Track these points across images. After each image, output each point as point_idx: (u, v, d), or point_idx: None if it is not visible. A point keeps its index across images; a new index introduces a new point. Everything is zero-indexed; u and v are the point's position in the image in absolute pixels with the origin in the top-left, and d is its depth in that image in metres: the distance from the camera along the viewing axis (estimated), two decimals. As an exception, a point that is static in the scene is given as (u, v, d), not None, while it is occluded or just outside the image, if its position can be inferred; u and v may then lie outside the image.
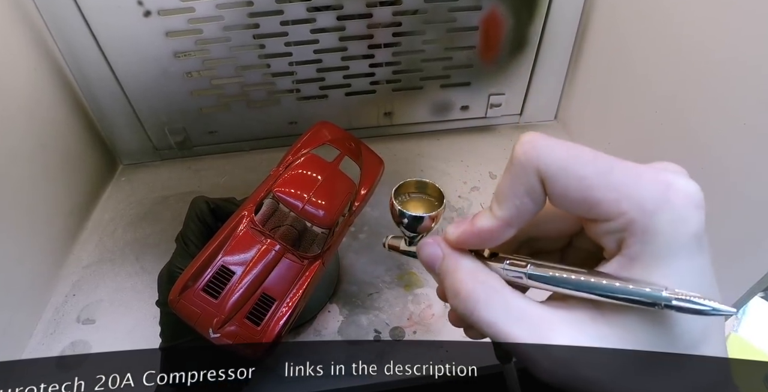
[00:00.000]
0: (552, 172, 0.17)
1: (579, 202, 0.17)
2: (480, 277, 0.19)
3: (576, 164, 0.17)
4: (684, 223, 0.16)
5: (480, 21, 0.58)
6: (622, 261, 0.17)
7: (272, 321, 0.34)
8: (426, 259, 0.21)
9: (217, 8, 0.53)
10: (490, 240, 0.19)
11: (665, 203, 0.16)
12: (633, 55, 0.52)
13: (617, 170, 0.16)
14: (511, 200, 0.18)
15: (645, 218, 0.16)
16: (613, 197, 0.16)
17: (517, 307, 0.18)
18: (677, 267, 0.16)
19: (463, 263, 0.20)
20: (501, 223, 0.18)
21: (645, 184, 0.16)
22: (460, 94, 0.65)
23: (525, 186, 0.17)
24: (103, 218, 0.59)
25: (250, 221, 0.36)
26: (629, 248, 0.17)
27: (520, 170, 0.17)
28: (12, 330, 0.44)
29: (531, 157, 0.17)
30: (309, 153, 0.40)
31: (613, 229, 0.17)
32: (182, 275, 0.33)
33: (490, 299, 0.18)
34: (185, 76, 0.58)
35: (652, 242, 0.16)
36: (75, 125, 0.59)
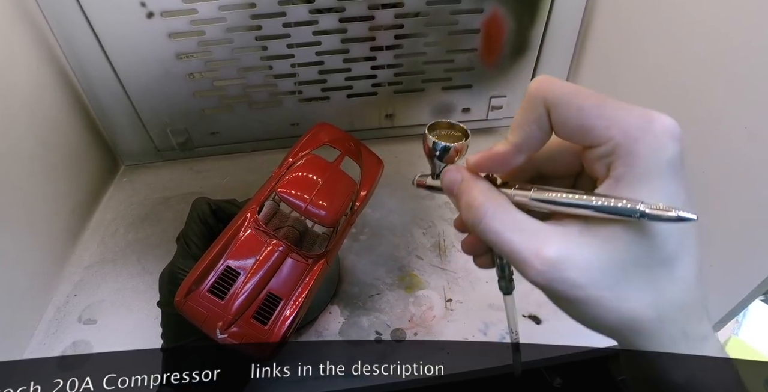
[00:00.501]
0: (556, 102, 0.19)
1: (576, 129, 0.19)
2: (491, 195, 0.21)
3: (576, 97, 0.19)
4: (662, 150, 0.18)
5: (481, 24, 0.58)
6: (609, 183, 0.19)
7: (279, 320, 0.34)
8: (447, 183, 0.23)
9: (220, 10, 0.53)
10: (503, 163, 0.21)
11: (647, 131, 0.18)
12: (634, 59, 0.52)
13: (610, 104, 0.19)
14: (522, 127, 0.20)
15: (629, 142, 0.18)
16: (604, 125, 0.19)
17: (518, 220, 0.20)
18: (654, 187, 0.18)
19: (478, 184, 0.22)
20: (512, 147, 0.21)
21: (631, 115, 0.19)
22: (462, 97, 0.66)
23: (534, 115, 0.20)
24: (104, 219, 0.59)
25: (253, 221, 0.36)
26: (615, 170, 0.19)
27: (530, 102, 0.20)
28: (13, 330, 0.44)
29: (541, 90, 0.20)
30: (310, 154, 0.40)
31: (603, 153, 0.19)
32: (188, 277, 0.33)
33: (497, 211, 0.20)
34: (187, 78, 0.58)
35: (634, 165, 0.18)
36: (77, 125, 0.59)
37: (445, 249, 0.51)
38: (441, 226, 0.54)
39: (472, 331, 0.44)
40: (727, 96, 0.40)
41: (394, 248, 0.52)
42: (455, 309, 0.45)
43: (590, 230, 0.19)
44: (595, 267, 0.19)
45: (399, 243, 0.52)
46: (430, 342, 0.43)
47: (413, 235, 0.53)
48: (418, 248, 0.52)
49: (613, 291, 0.19)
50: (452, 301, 0.46)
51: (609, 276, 0.19)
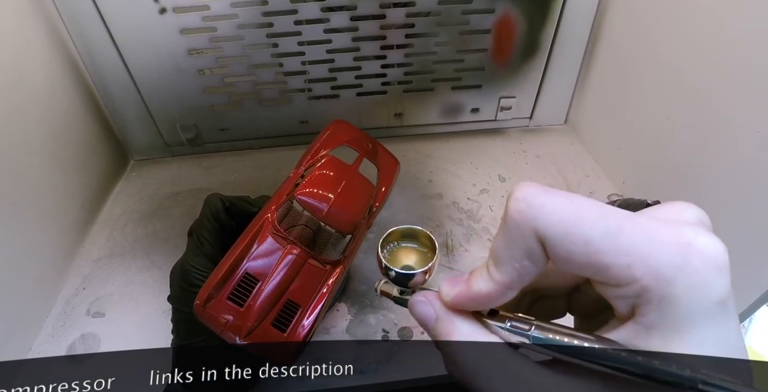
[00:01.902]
0: (552, 235, 0.15)
1: (585, 267, 0.15)
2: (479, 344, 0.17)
3: (580, 227, 0.15)
4: (706, 290, 0.14)
5: (493, 24, 0.58)
6: (637, 329, 0.15)
7: (298, 326, 0.34)
8: (419, 318, 0.19)
9: (232, 7, 0.53)
10: (487, 304, 0.18)
11: (684, 268, 0.14)
12: (646, 60, 0.52)
13: (627, 231, 0.15)
14: (509, 262, 0.16)
15: (662, 285, 0.14)
16: (625, 263, 0.14)
17: (521, 379, 0.16)
18: (700, 338, 0.14)
19: (458, 327, 0.18)
20: (500, 287, 0.17)
21: (660, 246, 0.14)
22: (471, 97, 0.66)
23: (523, 249, 0.16)
24: (113, 213, 0.59)
25: (272, 227, 0.36)
26: (645, 316, 0.15)
27: (516, 232, 0.16)
28: (23, 322, 0.45)
29: (527, 217, 0.15)
30: (328, 155, 0.40)
31: (625, 294, 0.15)
32: (207, 283, 0.33)
33: (492, 370, 0.17)
34: (198, 74, 0.59)
35: (671, 312, 0.14)
36: (88, 120, 0.60)
37: (452, 249, 0.51)
38: (449, 226, 0.54)
39: (479, 331, 0.44)
40: (740, 99, 0.40)
41: (401, 247, 0.52)
42: (462, 309, 0.45)
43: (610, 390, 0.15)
44: None
45: (406, 242, 0.52)
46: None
47: (420, 234, 0.53)
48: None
49: None
50: (459, 301, 0.46)
51: None
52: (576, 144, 0.67)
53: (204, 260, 0.36)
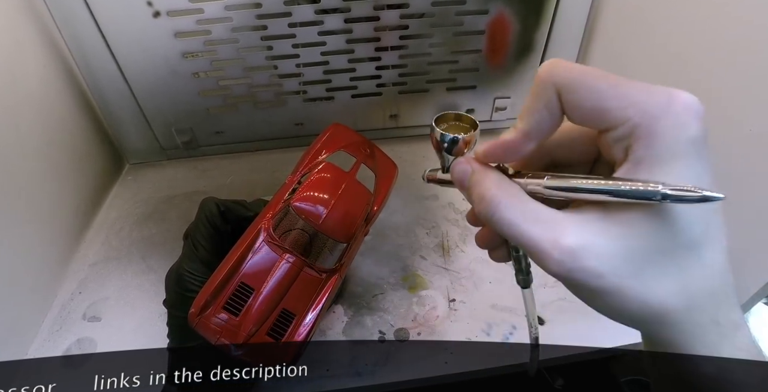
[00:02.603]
0: (567, 84, 0.18)
1: (591, 111, 0.18)
2: (503, 185, 0.20)
3: (589, 78, 0.18)
4: (684, 129, 0.17)
5: (486, 25, 0.58)
6: (628, 166, 0.18)
7: (293, 335, 0.34)
8: (457, 176, 0.22)
9: (226, 10, 0.53)
10: (513, 151, 0.21)
11: (667, 110, 0.17)
12: (639, 59, 0.52)
13: (625, 83, 0.18)
14: (531, 114, 0.19)
15: (648, 122, 0.17)
16: (621, 105, 0.18)
17: (533, 210, 0.19)
18: (676, 169, 0.17)
19: (489, 174, 0.21)
20: (521, 135, 0.20)
21: (650, 93, 0.18)
22: (466, 98, 0.66)
23: (544, 100, 0.19)
24: (109, 217, 0.59)
25: (268, 235, 0.36)
26: (634, 152, 0.18)
27: (540, 86, 0.19)
28: (19, 327, 0.45)
29: (551, 73, 0.19)
30: (325, 162, 0.40)
31: (620, 135, 0.18)
32: (202, 292, 0.33)
33: (511, 202, 0.20)
34: (193, 77, 0.59)
35: (654, 146, 0.17)
36: (83, 124, 0.60)
37: (448, 250, 0.52)
38: (445, 226, 0.55)
39: (476, 331, 0.44)
40: (734, 98, 0.40)
41: (398, 248, 0.52)
42: (458, 309, 0.46)
43: (610, 217, 0.18)
44: (617, 255, 0.18)
45: (403, 243, 0.52)
46: (433, 341, 0.43)
47: (417, 235, 0.53)
48: (422, 249, 0.52)
49: (636, 280, 0.18)
50: (455, 301, 0.46)
51: (631, 264, 0.18)
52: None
53: (199, 265, 0.36)
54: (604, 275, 0.18)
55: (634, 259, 0.18)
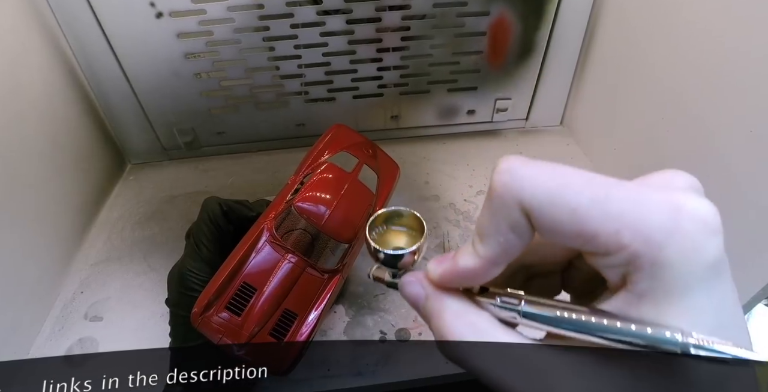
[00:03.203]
0: (537, 205, 0.15)
1: (573, 236, 0.15)
2: (468, 319, 0.17)
3: (565, 194, 0.14)
4: (698, 253, 0.14)
5: (488, 26, 0.58)
6: (628, 298, 0.15)
7: (295, 336, 0.34)
8: (409, 298, 0.19)
9: (228, 11, 0.53)
10: (474, 279, 0.17)
11: (675, 232, 0.14)
12: (640, 61, 0.52)
13: (615, 196, 0.14)
14: (493, 236, 0.16)
15: (652, 251, 0.14)
16: (613, 229, 0.14)
17: (513, 353, 0.16)
18: (693, 304, 0.14)
19: (448, 305, 0.18)
20: (485, 262, 0.16)
21: (649, 211, 0.14)
22: (467, 99, 0.66)
23: (507, 221, 0.15)
24: (111, 217, 0.59)
25: (270, 235, 0.36)
26: (636, 284, 0.15)
27: (500, 204, 0.15)
28: (20, 326, 0.45)
29: (511, 189, 0.15)
30: (327, 163, 0.40)
31: (615, 263, 0.15)
32: (205, 292, 0.33)
33: (484, 347, 0.16)
34: (195, 77, 0.59)
35: (663, 278, 0.14)
36: (85, 124, 0.60)
37: (449, 250, 0.52)
38: (445, 227, 0.55)
39: (476, 332, 0.44)
40: (734, 98, 0.40)
41: (398, 249, 0.52)
42: (459, 310, 0.46)
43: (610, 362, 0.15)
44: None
45: (403, 244, 0.52)
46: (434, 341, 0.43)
47: (418, 236, 0.53)
48: (430, 252, 0.52)
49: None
50: (456, 302, 0.46)
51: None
52: (572, 145, 0.68)
53: (202, 265, 0.36)
54: None
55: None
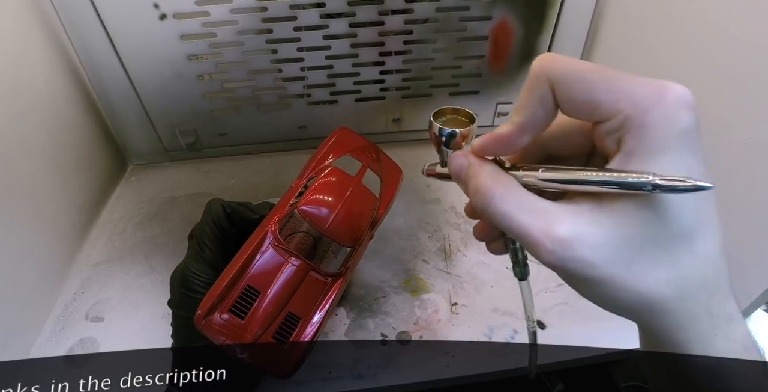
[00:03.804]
0: (561, 78, 0.19)
1: (583, 104, 0.19)
2: (499, 177, 0.21)
3: (581, 71, 0.18)
4: (675, 120, 0.17)
5: (490, 31, 0.58)
6: (620, 158, 0.18)
7: (298, 339, 0.34)
8: (454, 169, 0.23)
9: (232, 13, 0.53)
10: (508, 145, 0.21)
11: (658, 101, 0.17)
12: (641, 66, 0.53)
13: (618, 76, 0.18)
14: (526, 107, 0.20)
15: (639, 114, 0.18)
16: (613, 98, 0.18)
17: (528, 201, 0.20)
18: (668, 159, 0.18)
19: (485, 167, 0.21)
20: (517, 128, 0.20)
21: (641, 86, 0.18)
22: (469, 103, 0.66)
23: (538, 94, 0.19)
24: (112, 217, 0.59)
25: (274, 238, 0.36)
26: (626, 144, 0.18)
27: (534, 80, 0.19)
28: (21, 327, 0.45)
29: (544, 67, 0.19)
30: (331, 166, 0.40)
31: (613, 128, 0.18)
32: (209, 295, 0.33)
33: (506, 193, 0.20)
34: (198, 79, 0.59)
35: (646, 137, 0.18)
36: (87, 125, 0.60)
37: (450, 253, 0.52)
38: (447, 230, 0.55)
39: (477, 335, 0.44)
40: (734, 104, 0.40)
41: (400, 252, 0.52)
42: (460, 313, 0.46)
43: (602, 208, 0.18)
44: (609, 245, 0.18)
45: (405, 247, 0.53)
46: (435, 344, 0.43)
47: (419, 239, 0.54)
48: (424, 252, 0.52)
49: (629, 269, 0.18)
50: (457, 305, 0.46)
51: (624, 254, 0.18)
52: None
53: (204, 266, 0.36)
54: (596, 265, 0.18)
55: (625, 249, 0.18)
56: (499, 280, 0.48)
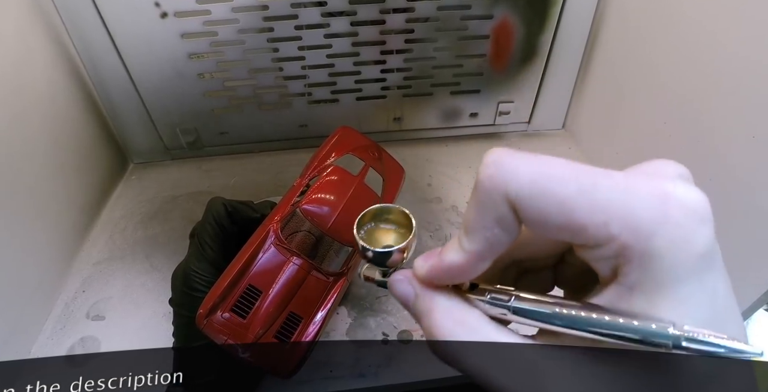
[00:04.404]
0: (523, 197, 0.14)
1: (561, 228, 0.14)
2: (458, 317, 0.17)
3: (551, 185, 0.14)
4: (688, 243, 0.13)
5: (491, 29, 0.58)
6: (619, 291, 0.15)
7: (300, 339, 0.34)
8: (398, 296, 0.19)
9: (233, 11, 0.53)
10: (461, 276, 0.17)
11: (663, 221, 0.13)
12: (643, 66, 0.53)
13: (602, 186, 0.14)
14: (479, 231, 0.15)
15: (641, 242, 0.13)
16: (601, 220, 0.14)
17: (504, 351, 0.16)
18: (685, 295, 0.14)
19: (437, 303, 0.17)
20: (471, 257, 0.16)
21: (637, 200, 0.14)
22: (470, 102, 0.66)
23: (494, 215, 0.15)
24: (113, 216, 0.59)
25: (276, 238, 0.36)
26: (626, 276, 0.14)
27: (485, 198, 0.15)
28: (22, 325, 0.45)
29: (497, 181, 0.15)
30: (333, 165, 0.40)
31: (604, 255, 0.14)
32: (210, 294, 0.33)
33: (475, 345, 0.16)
34: (198, 78, 0.59)
35: (653, 269, 0.14)
36: (88, 123, 0.60)
37: (451, 253, 0.52)
38: (448, 229, 0.55)
39: (478, 334, 0.44)
40: (736, 103, 0.40)
41: (401, 251, 0.52)
42: (461, 312, 0.46)
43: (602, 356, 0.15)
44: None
45: (406, 246, 0.53)
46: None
47: (420, 238, 0.54)
48: (425, 252, 0.52)
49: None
50: (458, 304, 0.46)
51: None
52: (574, 149, 0.68)
53: (206, 265, 0.36)
54: None
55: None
56: (500, 279, 0.48)
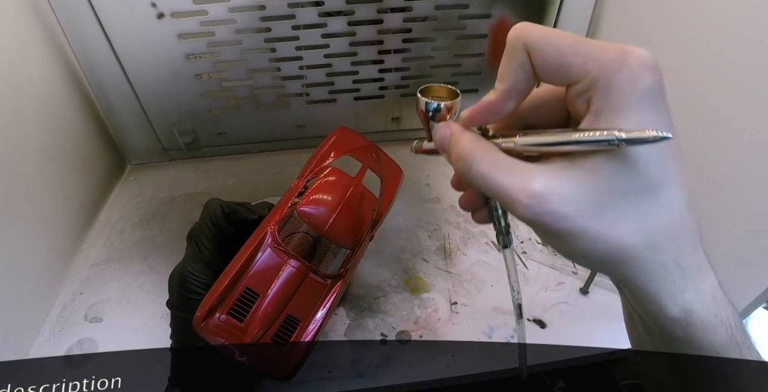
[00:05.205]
0: (535, 44, 0.20)
1: (556, 68, 0.20)
2: (479, 143, 0.22)
3: (554, 38, 0.20)
4: (638, 79, 0.19)
5: (489, 29, 0.58)
6: (590, 118, 0.20)
7: (297, 341, 0.34)
8: (438, 139, 0.24)
9: (230, 12, 0.53)
10: (495, 112, 0.22)
11: (622, 63, 0.19)
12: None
13: (586, 42, 0.20)
14: (508, 74, 0.21)
15: (606, 75, 0.19)
16: (581, 61, 0.19)
17: (506, 163, 0.21)
18: (634, 116, 0.19)
19: (466, 135, 0.23)
20: (502, 94, 0.22)
21: (607, 50, 0.19)
22: (468, 101, 0.66)
23: (517, 60, 0.21)
24: (111, 218, 0.59)
25: (273, 240, 0.36)
26: (594, 104, 0.19)
27: (512, 48, 0.21)
28: (20, 327, 0.44)
29: (519, 35, 0.20)
30: (331, 167, 0.40)
31: (582, 89, 0.20)
32: (207, 297, 0.33)
33: (485, 156, 0.21)
34: (196, 78, 0.59)
35: (612, 97, 0.19)
36: (85, 125, 0.60)
37: (450, 252, 0.52)
38: (446, 229, 0.55)
39: (477, 334, 0.44)
40: (735, 103, 0.40)
41: (399, 251, 0.52)
42: (460, 312, 0.46)
43: (574, 164, 0.20)
44: (580, 198, 0.19)
45: (405, 246, 0.53)
46: (435, 344, 0.43)
47: (419, 238, 0.54)
48: (424, 251, 0.52)
49: (600, 221, 0.19)
50: (457, 304, 0.46)
51: (595, 206, 0.19)
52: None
53: (203, 267, 0.36)
54: (569, 218, 0.19)
55: (597, 202, 0.19)
56: (499, 279, 0.48)
